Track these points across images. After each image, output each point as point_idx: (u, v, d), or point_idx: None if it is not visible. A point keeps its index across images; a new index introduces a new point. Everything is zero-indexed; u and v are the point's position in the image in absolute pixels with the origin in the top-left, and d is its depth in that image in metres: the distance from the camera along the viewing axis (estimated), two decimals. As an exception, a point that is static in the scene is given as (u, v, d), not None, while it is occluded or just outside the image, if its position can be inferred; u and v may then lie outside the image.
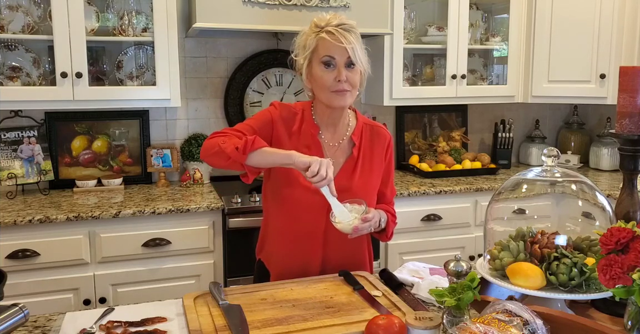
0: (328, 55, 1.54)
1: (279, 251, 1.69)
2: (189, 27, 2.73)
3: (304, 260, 1.65)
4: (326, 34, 1.53)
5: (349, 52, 1.52)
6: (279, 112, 1.65)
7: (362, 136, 1.69)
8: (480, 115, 3.59)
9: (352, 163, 1.66)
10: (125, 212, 2.33)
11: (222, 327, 1.23)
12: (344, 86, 1.55)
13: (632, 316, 1.07)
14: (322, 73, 1.56)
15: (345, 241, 1.60)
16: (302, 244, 1.64)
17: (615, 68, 2.93)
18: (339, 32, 1.53)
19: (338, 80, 1.54)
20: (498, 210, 1.47)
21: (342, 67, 1.55)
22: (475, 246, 2.90)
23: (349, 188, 1.62)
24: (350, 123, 1.70)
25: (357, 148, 1.67)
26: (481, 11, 3.31)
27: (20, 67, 2.63)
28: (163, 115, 2.97)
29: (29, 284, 2.23)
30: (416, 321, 1.13)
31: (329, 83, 1.55)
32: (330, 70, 1.55)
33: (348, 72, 1.55)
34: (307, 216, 1.61)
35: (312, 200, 1.57)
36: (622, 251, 1.07)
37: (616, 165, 3.23)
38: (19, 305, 1.15)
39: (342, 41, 1.52)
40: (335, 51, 1.53)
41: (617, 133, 1.38)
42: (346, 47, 1.52)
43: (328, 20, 1.55)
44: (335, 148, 1.67)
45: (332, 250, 1.65)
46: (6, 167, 2.64)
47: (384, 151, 1.72)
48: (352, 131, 1.69)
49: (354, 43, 1.53)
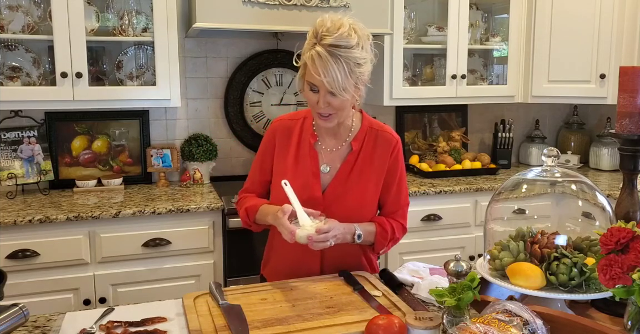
0: (311, 81, 1.48)
1: (284, 267, 1.68)
2: (189, 27, 2.73)
3: (309, 271, 1.63)
4: (315, 54, 1.43)
5: (326, 86, 1.44)
6: (276, 128, 1.69)
7: (364, 141, 1.64)
8: (480, 115, 3.59)
9: (347, 169, 1.63)
10: (125, 212, 2.33)
11: (222, 327, 1.23)
12: (325, 110, 1.51)
13: (632, 316, 1.07)
14: (307, 93, 1.53)
15: (343, 250, 1.60)
16: (301, 258, 1.63)
17: (615, 68, 2.93)
18: (322, 60, 1.42)
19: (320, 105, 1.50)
20: (498, 210, 1.47)
21: (325, 94, 1.47)
22: (475, 246, 2.90)
23: (343, 194, 1.61)
24: (354, 127, 1.66)
25: (354, 154, 1.63)
26: (481, 11, 3.31)
27: (20, 67, 2.63)
28: (163, 115, 2.97)
29: (29, 284, 2.23)
30: (416, 321, 1.13)
31: (313, 105, 1.52)
32: (315, 93, 1.50)
33: (331, 98, 1.48)
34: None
35: (303, 195, 1.55)
36: (622, 251, 1.07)
37: (616, 165, 3.23)
38: (19, 305, 1.15)
39: (320, 73, 1.42)
40: (316, 80, 1.46)
41: (617, 133, 1.38)
42: (323, 80, 1.43)
43: (324, 34, 1.43)
44: (334, 153, 1.65)
45: (330, 260, 1.64)
46: (6, 167, 2.64)
47: (388, 156, 1.64)
48: (354, 136, 1.65)
49: (333, 75, 1.42)
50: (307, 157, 1.63)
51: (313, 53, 1.44)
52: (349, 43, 1.43)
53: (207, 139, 2.94)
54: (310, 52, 1.45)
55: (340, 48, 1.42)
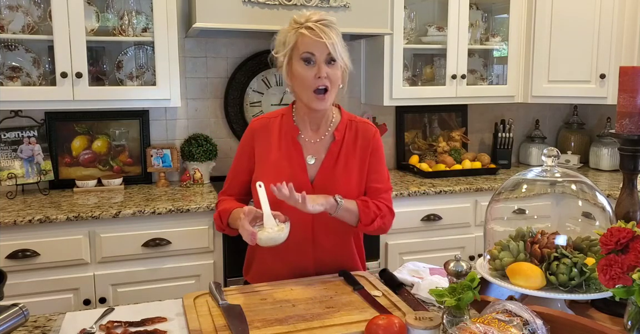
0: (308, 51, 1.53)
1: (271, 269, 1.66)
2: (189, 27, 2.73)
3: (296, 271, 1.62)
4: (306, 29, 1.52)
5: (329, 47, 1.51)
6: (254, 127, 1.69)
7: (346, 132, 1.68)
8: (480, 115, 3.59)
9: (332, 158, 1.65)
10: (125, 212, 2.33)
11: (222, 327, 1.23)
12: (324, 82, 1.54)
13: (632, 316, 1.07)
14: (302, 70, 1.55)
15: (334, 243, 1.62)
16: (293, 255, 1.63)
17: (615, 68, 2.93)
18: (318, 28, 1.51)
19: (318, 76, 1.53)
20: (498, 210, 1.47)
21: (322, 63, 1.53)
22: (475, 246, 2.90)
23: (331, 183, 1.62)
24: (334, 119, 1.69)
25: (337, 144, 1.65)
26: (481, 11, 3.31)
27: (20, 67, 2.63)
28: (163, 115, 2.97)
29: (29, 284, 2.23)
30: (416, 321, 1.14)
31: (309, 80, 1.54)
32: (310, 67, 1.54)
33: (328, 69, 1.54)
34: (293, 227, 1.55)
35: (292, 210, 1.53)
36: (622, 251, 1.07)
37: (616, 165, 3.23)
38: (19, 305, 1.15)
39: (322, 36, 1.50)
40: (315, 47, 1.52)
41: (617, 133, 1.38)
42: (326, 42, 1.50)
43: (308, 16, 1.54)
44: (317, 144, 1.67)
45: (323, 253, 1.65)
46: (6, 167, 2.64)
47: (369, 146, 1.68)
48: (335, 127, 1.68)
49: (334, 38, 1.52)
50: (292, 149, 1.65)
51: (303, 30, 1.52)
52: (332, 20, 1.55)
53: (207, 139, 2.94)
54: (299, 31, 1.53)
55: (328, 21, 1.54)
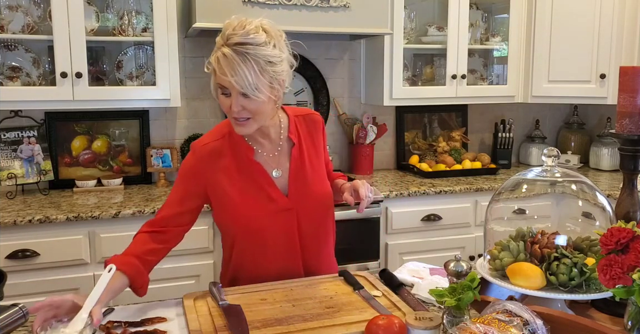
0: (220, 83, 1.39)
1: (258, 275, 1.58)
2: (189, 27, 2.73)
3: (286, 272, 1.58)
4: (220, 55, 1.36)
5: (235, 86, 1.36)
6: (201, 156, 1.54)
7: (299, 131, 1.61)
8: (480, 115, 3.59)
9: (297, 164, 1.58)
10: (125, 212, 2.33)
11: (222, 327, 1.23)
12: (241, 115, 1.41)
13: (632, 316, 1.07)
14: (219, 98, 1.43)
15: (319, 242, 1.62)
16: (280, 255, 1.57)
17: (615, 68, 2.93)
18: (228, 59, 1.35)
19: (233, 109, 1.40)
20: (498, 210, 1.47)
21: (237, 96, 1.38)
22: (475, 246, 2.90)
23: (305, 188, 1.58)
24: (282, 123, 1.59)
25: (297, 148, 1.59)
26: (481, 11, 3.31)
27: (20, 67, 2.63)
28: (163, 115, 2.97)
29: (29, 284, 2.23)
30: (416, 321, 1.13)
31: (227, 109, 1.43)
32: (227, 97, 1.40)
33: (245, 101, 1.38)
34: (274, 227, 1.54)
35: (269, 208, 1.51)
36: (622, 251, 1.07)
37: (616, 165, 3.23)
38: (19, 305, 1.15)
39: (227, 73, 1.34)
40: (225, 82, 1.37)
41: (617, 133, 1.38)
42: (230, 81, 1.35)
43: (230, 34, 1.37)
44: (277, 156, 1.58)
45: (310, 251, 1.61)
46: (6, 167, 2.64)
47: (321, 135, 1.66)
48: (287, 129, 1.59)
49: (242, 73, 1.34)
50: (252, 171, 1.54)
51: (219, 54, 1.37)
52: (256, 40, 1.37)
53: (207, 139, 2.94)
54: (216, 53, 1.39)
55: (248, 45, 1.36)
